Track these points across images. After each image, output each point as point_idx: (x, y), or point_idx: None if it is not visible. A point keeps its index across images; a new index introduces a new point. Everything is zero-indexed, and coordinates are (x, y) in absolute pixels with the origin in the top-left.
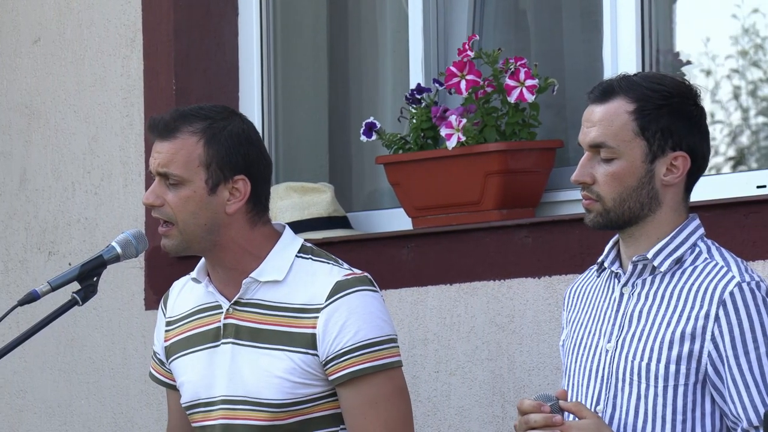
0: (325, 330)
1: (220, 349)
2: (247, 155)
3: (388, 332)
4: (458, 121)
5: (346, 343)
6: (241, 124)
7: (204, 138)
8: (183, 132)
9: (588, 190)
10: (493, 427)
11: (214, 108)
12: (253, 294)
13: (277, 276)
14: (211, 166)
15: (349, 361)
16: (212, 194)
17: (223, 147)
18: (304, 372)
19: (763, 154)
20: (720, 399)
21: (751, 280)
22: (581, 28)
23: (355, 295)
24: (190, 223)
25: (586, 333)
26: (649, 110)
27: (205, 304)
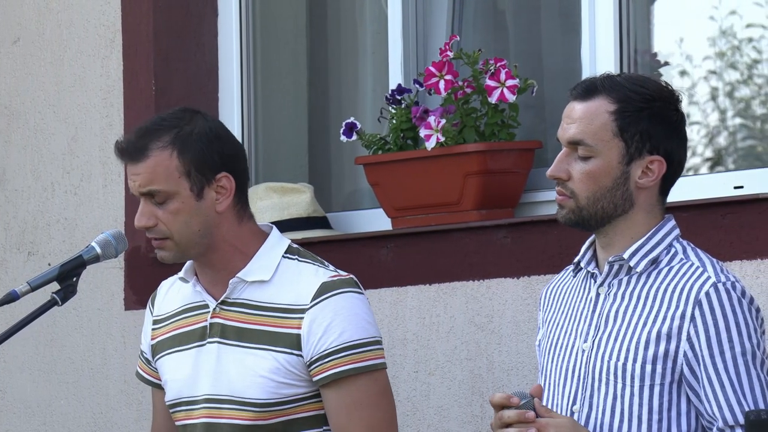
0: (309, 331)
1: (206, 348)
2: (222, 151)
3: (372, 334)
4: (437, 121)
5: (330, 344)
6: (205, 123)
7: (176, 149)
8: (153, 149)
9: (563, 186)
10: (472, 426)
11: (175, 114)
12: (239, 294)
13: (263, 276)
14: (191, 173)
15: (334, 362)
16: (200, 199)
17: (197, 151)
18: (289, 372)
19: (740, 155)
20: (696, 398)
21: (726, 281)
22: (560, 29)
23: (340, 297)
24: (185, 233)
25: (563, 333)
26: (630, 112)
27: (193, 303)
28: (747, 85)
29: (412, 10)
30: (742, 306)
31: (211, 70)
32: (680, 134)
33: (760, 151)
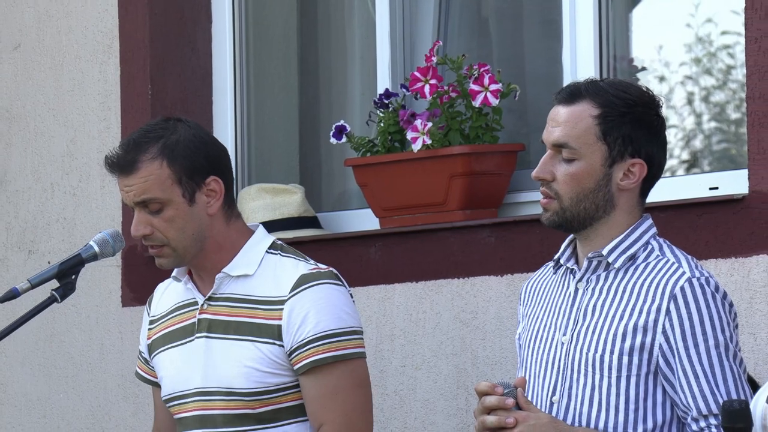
0: (288, 321)
1: (195, 343)
2: (208, 155)
3: (350, 324)
4: (424, 124)
5: (308, 333)
6: (189, 130)
7: (165, 158)
8: (143, 161)
9: (547, 186)
10: (457, 419)
11: (158, 125)
12: (225, 288)
13: (247, 270)
14: (182, 180)
15: (311, 350)
16: (192, 204)
17: (185, 158)
18: (272, 362)
19: (716, 157)
20: (671, 389)
21: (701, 276)
22: (542, 36)
23: (318, 288)
24: (181, 239)
25: (543, 326)
26: (613, 117)
27: (184, 300)
28: (722, 90)
29: (399, 16)
30: (715, 300)
31: (205, 74)
32: (660, 138)
33: (734, 154)
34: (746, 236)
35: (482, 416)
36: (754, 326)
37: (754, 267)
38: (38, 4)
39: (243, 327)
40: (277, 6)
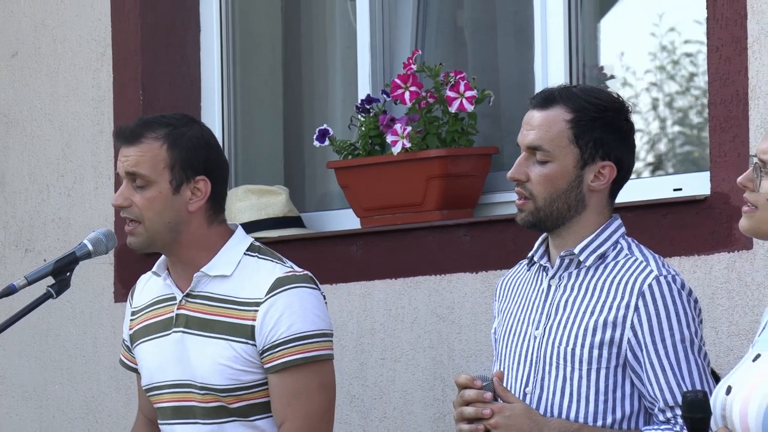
0: (262, 322)
1: (172, 337)
2: (207, 158)
3: (321, 327)
4: (403, 129)
5: (280, 335)
6: (200, 130)
7: (167, 142)
8: (148, 138)
9: (522, 187)
10: (434, 409)
11: (175, 116)
12: (203, 287)
13: (225, 271)
14: (174, 167)
15: (282, 352)
16: (176, 194)
17: (185, 150)
18: (245, 360)
19: (679, 159)
20: (638, 381)
21: (667, 274)
22: (514, 45)
23: (292, 291)
24: (156, 221)
25: (517, 321)
26: (585, 121)
27: (163, 295)
28: (685, 96)
29: (379, 27)
30: (681, 297)
31: (194, 81)
32: (630, 142)
33: (697, 157)
34: (708, 235)
35: (461, 407)
36: (715, 320)
37: (715, 264)
38: (35, 14)
39: (219, 326)
40: (262, 16)
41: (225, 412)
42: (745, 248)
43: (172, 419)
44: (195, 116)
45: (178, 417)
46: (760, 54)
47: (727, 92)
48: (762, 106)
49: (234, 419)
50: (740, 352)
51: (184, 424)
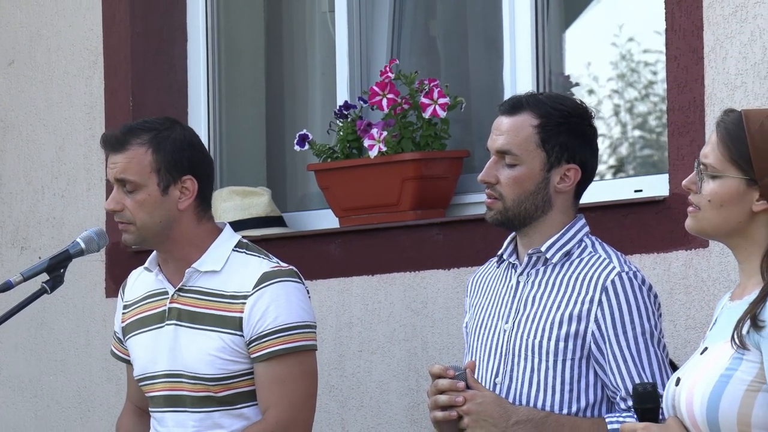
0: (250, 314)
1: (164, 329)
2: (191, 157)
3: (305, 319)
4: (379, 133)
5: (267, 326)
6: (182, 131)
7: (152, 147)
8: (133, 144)
9: (492, 188)
10: (409, 398)
11: (157, 120)
12: (194, 282)
13: (215, 266)
14: (161, 170)
15: (268, 342)
16: (165, 195)
17: (169, 152)
18: (234, 351)
19: (639, 162)
20: (601, 372)
21: (629, 270)
22: (484, 54)
23: (278, 285)
24: (148, 222)
25: (487, 315)
26: (551, 126)
27: (155, 290)
28: (645, 102)
29: (356, 37)
30: (642, 292)
31: (181, 88)
32: (593, 146)
33: (656, 160)
34: (667, 234)
35: (434, 396)
36: (673, 314)
37: (673, 261)
38: (30, 24)
39: (209, 318)
40: (246, 27)
41: (212, 401)
42: (702, 246)
43: (164, 407)
44: (182, 121)
45: (170, 405)
46: (715, 63)
47: (685, 99)
48: (717, 112)
49: (221, 408)
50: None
51: (175, 412)
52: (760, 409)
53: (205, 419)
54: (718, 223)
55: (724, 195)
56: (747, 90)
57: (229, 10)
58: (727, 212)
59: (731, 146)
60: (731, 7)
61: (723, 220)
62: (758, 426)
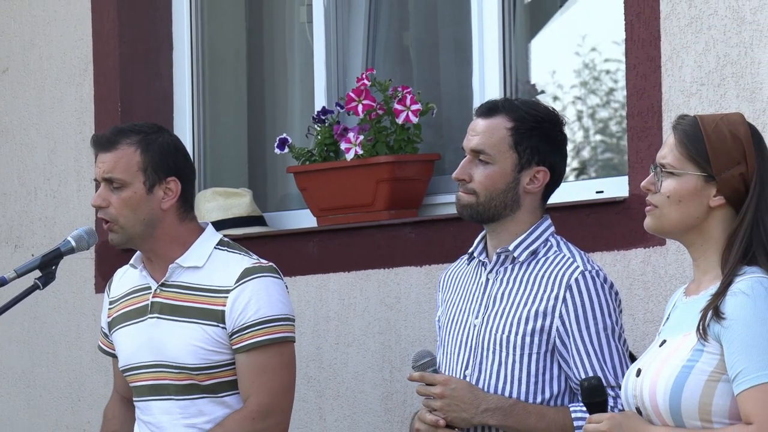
0: (232, 307)
1: (147, 322)
2: (176, 161)
3: (284, 312)
4: (355, 137)
5: (248, 319)
6: (169, 137)
7: (140, 147)
8: (122, 144)
9: (465, 186)
10: (383, 388)
11: (146, 124)
12: (177, 277)
13: (197, 262)
14: (147, 170)
15: (250, 333)
16: (150, 194)
17: (157, 154)
18: (216, 341)
19: (601, 165)
20: (565, 365)
21: (592, 269)
22: (454, 63)
23: (259, 280)
24: (132, 219)
25: (458, 311)
26: (524, 130)
27: (139, 285)
28: (605, 108)
29: (333, 46)
30: (604, 290)
31: (167, 94)
32: (562, 151)
33: (617, 163)
34: (627, 233)
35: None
36: (632, 309)
37: (633, 259)
38: (23, 33)
39: (191, 311)
40: (229, 37)
41: (196, 389)
42: (659, 244)
43: (149, 396)
44: (168, 126)
45: (154, 394)
46: (672, 71)
47: (643, 105)
48: (674, 117)
49: (205, 395)
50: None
51: (160, 400)
52: (719, 398)
53: (189, 406)
54: (677, 220)
55: (683, 191)
56: (702, 97)
57: (213, 21)
58: (685, 208)
59: (689, 145)
60: (687, 19)
61: (681, 216)
62: (718, 414)
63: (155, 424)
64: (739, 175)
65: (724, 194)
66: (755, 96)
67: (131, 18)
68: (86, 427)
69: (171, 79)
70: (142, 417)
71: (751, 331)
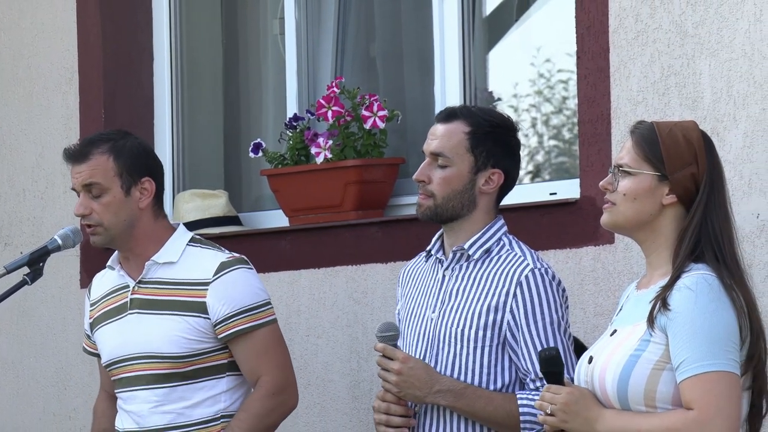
0: (214, 299)
1: (127, 318)
2: (147, 161)
3: (263, 298)
4: (325, 142)
5: (231, 308)
6: (136, 140)
7: (112, 154)
8: (94, 153)
9: (424, 187)
10: (350, 377)
11: (112, 132)
12: (153, 274)
13: (172, 258)
14: (123, 174)
15: (235, 322)
16: (128, 196)
17: (129, 158)
18: (197, 331)
19: (554, 168)
20: (515, 356)
21: (541, 267)
22: (418, 72)
23: (235, 272)
24: (113, 221)
25: (416, 305)
26: (480, 134)
27: (117, 285)
28: (558, 115)
29: (304, 56)
30: (552, 287)
31: (148, 102)
32: (516, 155)
33: (569, 166)
34: (578, 232)
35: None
36: (583, 302)
37: (584, 256)
38: (13, 45)
39: (170, 304)
40: (206, 48)
41: (177, 376)
42: (609, 243)
43: (132, 387)
44: (149, 131)
45: (137, 384)
46: (620, 81)
47: (594, 113)
48: (622, 124)
49: (185, 382)
50: (604, 329)
51: (141, 390)
52: (663, 385)
53: (170, 393)
54: (631, 216)
55: (638, 189)
56: (647, 105)
57: (191, 33)
58: (640, 205)
59: (645, 147)
60: (633, 33)
61: (635, 212)
62: (662, 400)
63: (136, 412)
64: (690, 175)
65: (676, 193)
66: (697, 104)
67: (114, 31)
68: (72, 414)
69: (152, 87)
70: (124, 407)
71: (694, 324)
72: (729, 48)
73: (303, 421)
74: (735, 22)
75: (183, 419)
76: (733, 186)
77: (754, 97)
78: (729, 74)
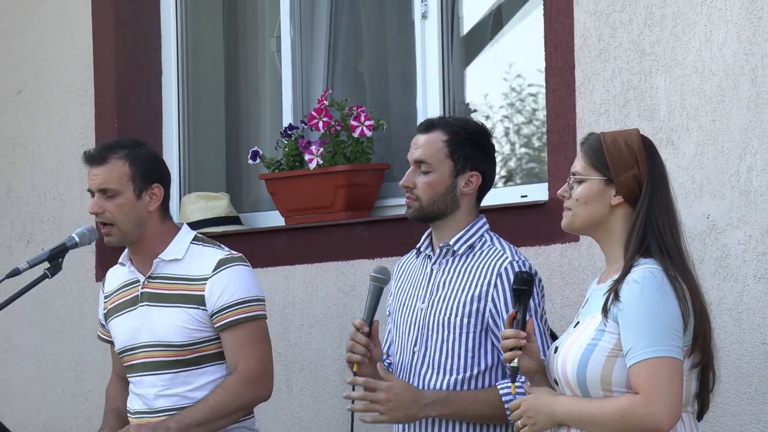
0: (211, 292)
1: (138, 310)
2: (158, 169)
3: (256, 294)
4: (317, 149)
5: (226, 301)
6: (149, 149)
7: (128, 160)
8: (112, 158)
9: (410, 192)
10: (341, 363)
11: (128, 140)
12: (161, 270)
13: (177, 255)
14: (135, 179)
15: (229, 313)
16: (139, 199)
17: (142, 165)
18: (197, 321)
19: (525, 173)
20: (497, 341)
21: (519, 260)
22: (401, 86)
23: (233, 268)
24: (125, 222)
25: (408, 297)
26: (458, 141)
27: (129, 279)
28: (528, 125)
29: (299, 71)
30: None
31: (157, 113)
32: (491, 158)
33: (538, 171)
34: (547, 231)
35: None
36: (551, 295)
37: (552, 253)
38: (35, 61)
39: (175, 297)
40: (209, 64)
41: (182, 363)
42: (574, 241)
43: (142, 372)
44: (157, 140)
45: (147, 370)
46: (584, 95)
47: (561, 123)
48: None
49: (189, 368)
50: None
51: (152, 375)
52: (618, 371)
53: (174, 378)
54: (586, 218)
55: (589, 194)
56: (609, 116)
57: (196, 52)
58: (591, 208)
59: (592, 155)
60: (596, 51)
61: (589, 215)
62: (617, 384)
63: (145, 395)
64: (632, 177)
65: (622, 194)
66: (653, 116)
67: (126, 49)
68: (88, 395)
69: (160, 100)
70: (135, 390)
71: (640, 315)
72: (682, 65)
73: (297, 402)
74: (688, 41)
75: (186, 401)
76: (686, 189)
77: (705, 109)
78: (682, 89)
